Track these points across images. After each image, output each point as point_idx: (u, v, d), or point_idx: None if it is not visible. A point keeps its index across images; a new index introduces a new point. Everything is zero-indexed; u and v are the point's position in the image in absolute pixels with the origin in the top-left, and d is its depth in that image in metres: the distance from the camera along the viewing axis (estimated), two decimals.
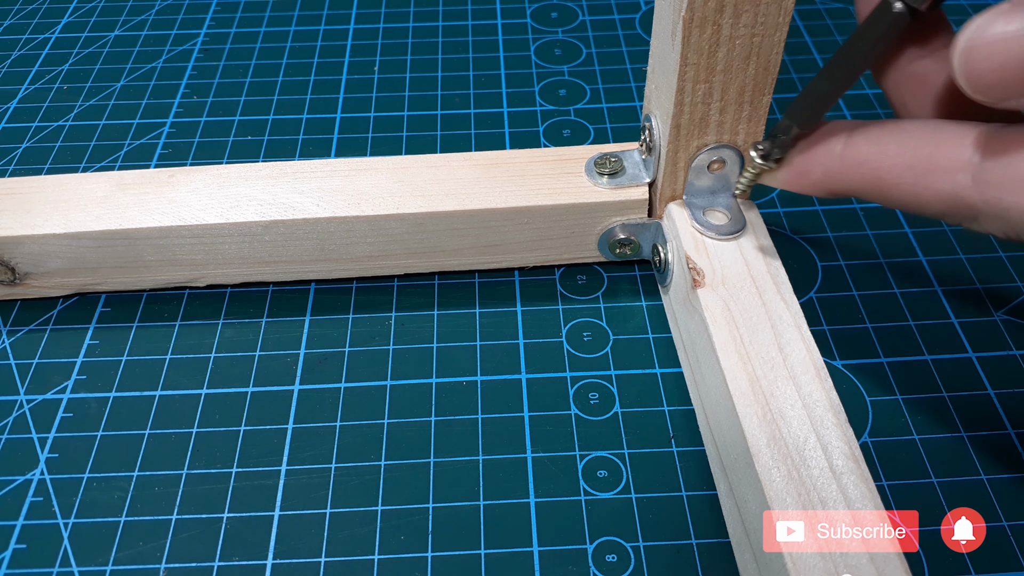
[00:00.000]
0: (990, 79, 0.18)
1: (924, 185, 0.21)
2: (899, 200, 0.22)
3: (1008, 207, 0.19)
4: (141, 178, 0.32)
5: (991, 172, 0.20)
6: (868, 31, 0.23)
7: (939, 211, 0.21)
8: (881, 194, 0.22)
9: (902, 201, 0.22)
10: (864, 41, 0.23)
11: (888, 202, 0.23)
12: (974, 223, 0.21)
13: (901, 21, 0.22)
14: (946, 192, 0.21)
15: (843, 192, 0.24)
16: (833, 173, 0.24)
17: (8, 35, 0.48)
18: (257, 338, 0.32)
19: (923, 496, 0.27)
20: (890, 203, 0.23)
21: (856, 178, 0.23)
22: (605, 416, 0.30)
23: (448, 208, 0.30)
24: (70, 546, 0.27)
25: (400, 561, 0.26)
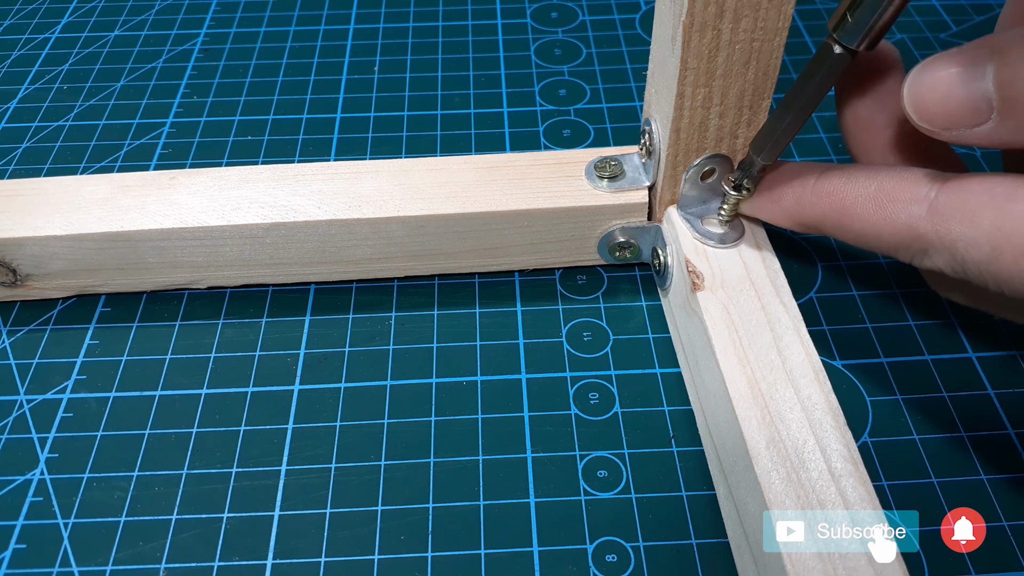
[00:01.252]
0: (933, 110, 0.21)
1: (883, 215, 0.23)
2: (859, 230, 0.24)
3: (956, 239, 0.21)
4: (142, 180, 0.32)
5: (944, 204, 0.21)
6: (813, 72, 0.24)
7: (894, 243, 0.23)
8: (843, 224, 0.24)
9: (861, 231, 0.24)
10: (811, 81, 0.24)
11: (848, 232, 0.24)
12: (925, 257, 0.22)
13: (842, 61, 0.23)
14: (902, 222, 0.22)
15: (809, 220, 0.26)
16: (804, 200, 0.25)
17: (8, 35, 0.48)
18: (257, 338, 0.32)
19: (923, 496, 0.27)
20: (850, 233, 0.24)
21: (823, 206, 0.25)
22: (605, 416, 0.30)
23: (449, 211, 0.31)
24: (70, 546, 0.27)
25: (400, 561, 0.26)
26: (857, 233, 0.24)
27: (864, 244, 0.24)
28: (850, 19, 0.23)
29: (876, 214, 0.23)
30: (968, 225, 0.21)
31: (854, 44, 0.23)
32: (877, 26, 0.22)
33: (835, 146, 0.39)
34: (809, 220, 0.26)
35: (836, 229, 0.25)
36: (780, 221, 0.27)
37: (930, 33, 0.46)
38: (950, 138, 0.21)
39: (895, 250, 0.23)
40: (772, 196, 0.27)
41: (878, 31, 0.22)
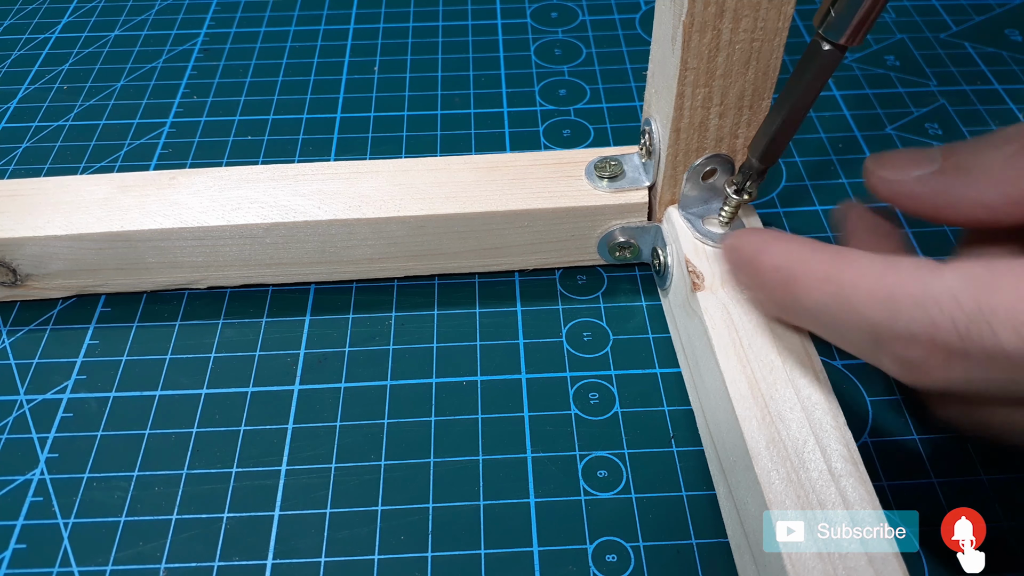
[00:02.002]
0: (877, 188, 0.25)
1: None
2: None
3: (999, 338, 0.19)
4: (142, 180, 0.32)
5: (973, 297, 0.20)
6: (803, 71, 0.24)
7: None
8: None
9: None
10: (801, 80, 0.24)
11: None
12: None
13: (831, 58, 0.23)
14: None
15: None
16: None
17: (8, 35, 0.48)
18: (257, 338, 0.32)
19: (923, 496, 0.27)
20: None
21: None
22: (605, 416, 0.30)
23: (449, 211, 0.31)
24: (70, 546, 0.27)
25: (400, 561, 0.26)
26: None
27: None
28: (834, 14, 0.23)
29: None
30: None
31: (839, 39, 0.23)
32: (861, 20, 0.22)
33: (835, 146, 0.39)
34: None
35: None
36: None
37: (930, 33, 0.46)
38: (902, 206, 0.24)
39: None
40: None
41: (863, 25, 0.22)
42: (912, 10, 0.47)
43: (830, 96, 0.42)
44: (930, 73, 0.43)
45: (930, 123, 0.40)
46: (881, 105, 0.41)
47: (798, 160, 0.39)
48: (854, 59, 0.44)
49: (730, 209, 0.29)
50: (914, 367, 0.20)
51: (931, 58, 0.44)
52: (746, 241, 0.24)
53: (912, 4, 0.48)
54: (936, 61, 0.44)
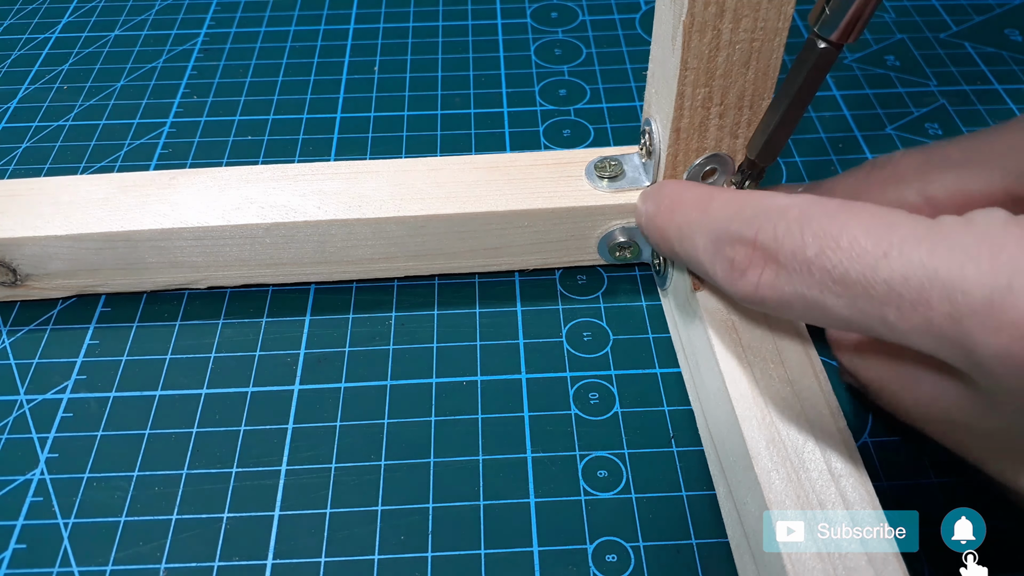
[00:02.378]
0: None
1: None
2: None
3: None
4: (142, 180, 0.32)
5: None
6: (800, 69, 0.24)
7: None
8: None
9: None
10: (798, 78, 0.24)
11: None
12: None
13: (827, 56, 0.23)
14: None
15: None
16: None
17: (8, 35, 0.48)
18: (257, 338, 0.32)
19: (923, 496, 0.27)
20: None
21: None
22: (605, 416, 0.30)
23: (449, 211, 0.31)
24: (70, 546, 0.27)
25: (400, 561, 0.26)
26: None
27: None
28: (828, 11, 0.23)
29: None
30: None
31: (834, 36, 0.23)
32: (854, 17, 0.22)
33: (834, 146, 0.39)
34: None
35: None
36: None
37: (930, 33, 0.46)
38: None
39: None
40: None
41: (856, 22, 0.22)
42: (912, 10, 0.47)
43: (830, 96, 0.42)
44: (930, 73, 0.43)
45: (930, 123, 0.40)
46: (881, 105, 0.41)
47: (798, 160, 0.39)
48: (854, 59, 0.44)
49: None
50: (736, 267, 0.22)
51: (931, 58, 0.44)
52: (661, 182, 0.28)
53: (912, 4, 0.48)
54: (936, 61, 0.44)
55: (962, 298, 0.17)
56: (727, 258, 0.22)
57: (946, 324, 0.17)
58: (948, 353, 0.18)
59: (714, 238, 0.23)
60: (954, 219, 0.19)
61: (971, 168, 0.24)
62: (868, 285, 0.19)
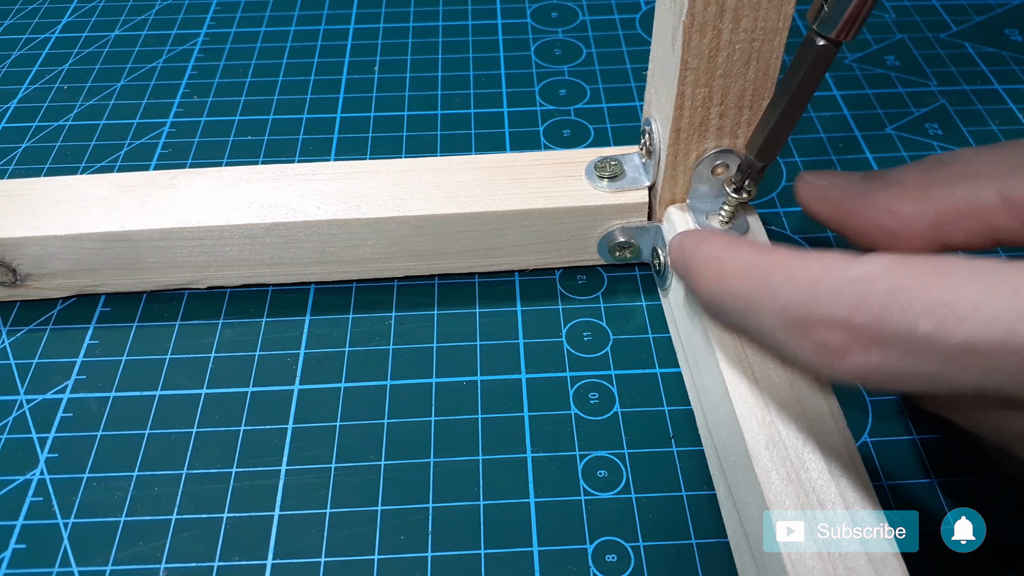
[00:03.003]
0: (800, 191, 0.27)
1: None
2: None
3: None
4: (143, 180, 0.32)
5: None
6: (798, 66, 0.24)
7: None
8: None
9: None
10: (797, 75, 0.24)
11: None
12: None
13: (826, 53, 0.23)
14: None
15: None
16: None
17: (8, 35, 0.48)
18: (257, 338, 0.32)
19: (923, 496, 0.27)
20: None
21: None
22: (605, 416, 0.30)
23: (449, 211, 0.31)
24: (70, 546, 0.27)
25: (400, 561, 0.26)
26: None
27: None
28: (827, 8, 0.23)
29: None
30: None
31: (833, 34, 0.23)
32: (853, 14, 0.22)
33: (834, 146, 0.39)
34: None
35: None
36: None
37: (930, 33, 0.46)
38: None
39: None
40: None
41: (855, 19, 0.22)
42: (912, 10, 0.47)
43: (830, 96, 0.42)
44: (930, 73, 0.43)
45: (930, 123, 0.40)
46: (881, 105, 0.41)
47: (798, 160, 0.39)
48: (854, 59, 0.44)
49: (730, 208, 0.29)
50: (832, 351, 0.20)
51: (931, 58, 0.44)
52: (688, 236, 0.25)
53: (912, 4, 0.48)
54: (936, 61, 0.44)
55: None
56: (818, 343, 0.20)
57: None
58: None
59: (792, 320, 0.20)
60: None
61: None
62: (1008, 350, 0.17)
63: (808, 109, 0.40)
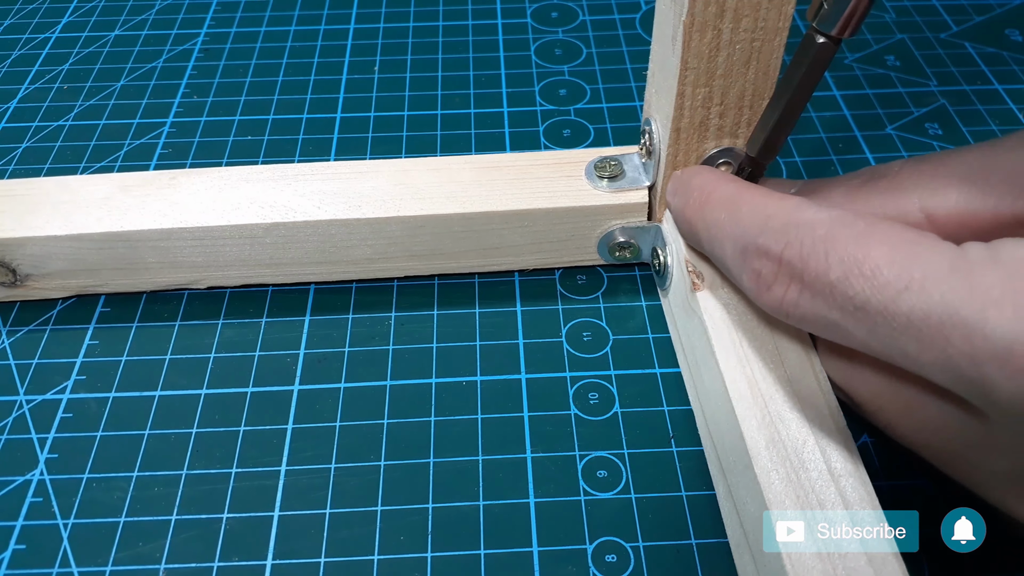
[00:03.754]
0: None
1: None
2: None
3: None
4: (142, 180, 0.32)
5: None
6: (798, 64, 0.24)
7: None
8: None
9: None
10: (797, 73, 0.24)
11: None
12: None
13: (825, 51, 0.23)
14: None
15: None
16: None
17: (8, 35, 0.48)
18: (257, 338, 0.32)
19: (923, 496, 0.27)
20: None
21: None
22: (605, 416, 0.30)
23: (448, 211, 0.31)
24: (70, 546, 0.27)
25: (400, 561, 0.26)
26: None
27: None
28: (826, 6, 0.23)
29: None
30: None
31: (833, 31, 0.23)
32: (852, 11, 0.22)
33: (834, 146, 0.39)
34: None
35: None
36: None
37: (930, 33, 0.46)
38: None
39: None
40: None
41: (855, 16, 0.22)
42: (912, 10, 0.47)
43: (830, 96, 0.42)
44: (930, 73, 0.43)
45: (930, 123, 0.40)
46: (881, 105, 0.41)
47: (798, 160, 0.39)
48: (854, 59, 0.44)
49: None
50: (761, 281, 0.22)
51: (931, 58, 0.44)
52: (686, 169, 0.28)
53: (912, 4, 0.48)
54: (936, 61, 0.44)
55: (982, 342, 0.17)
56: (754, 270, 0.22)
57: (964, 362, 0.17)
58: (964, 389, 0.18)
59: (742, 247, 0.23)
60: (979, 252, 0.18)
61: (976, 185, 0.23)
62: (889, 316, 0.18)
63: (808, 109, 0.40)
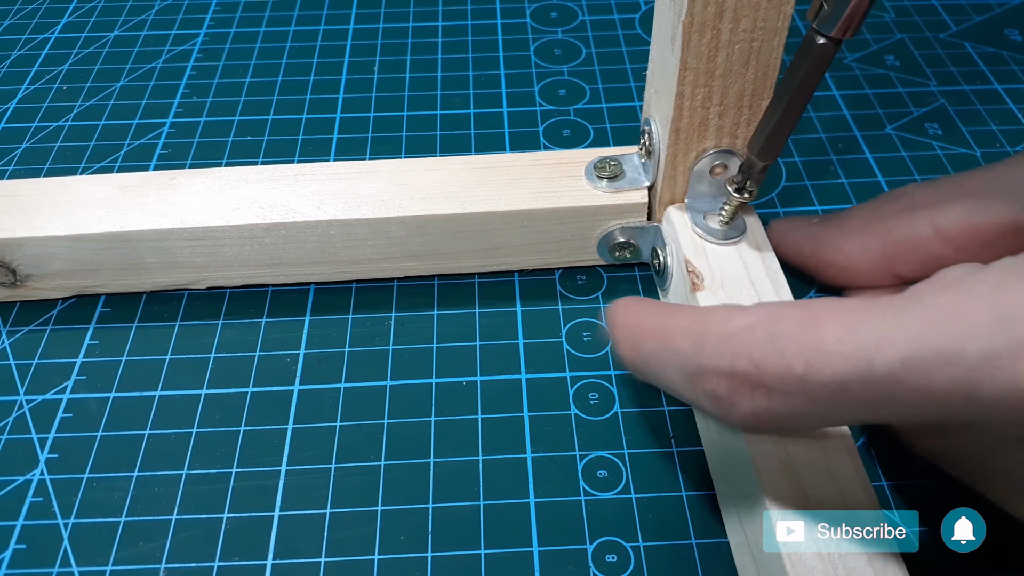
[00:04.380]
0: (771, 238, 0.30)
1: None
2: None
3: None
4: (142, 180, 0.32)
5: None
6: (799, 65, 0.24)
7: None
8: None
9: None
10: (798, 75, 0.24)
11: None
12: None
13: (827, 52, 0.23)
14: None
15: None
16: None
17: (8, 35, 0.48)
18: (257, 338, 0.32)
19: (923, 496, 0.27)
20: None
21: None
22: (605, 416, 0.30)
23: (448, 211, 0.31)
24: (70, 546, 0.27)
25: (400, 561, 0.26)
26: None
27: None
28: (827, 7, 0.23)
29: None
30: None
31: (833, 32, 0.23)
32: (853, 12, 0.22)
33: (834, 146, 0.39)
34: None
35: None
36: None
37: (930, 33, 0.46)
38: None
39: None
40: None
41: (855, 17, 0.22)
42: (912, 10, 0.47)
43: (830, 96, 0.42)
44: (930, 73, 0.43)
45: (930, 123, 0.40)
46: (881, 105, 0.41)
47: (798, 160, 0.39)
48: (854, 59, 0.44)
49: (731, 208, 0.29)
50: (722, 401, 0.21)
51: (931, 58, 0.44)
52: (609, 306, 0.25)
53: (912, 4, 0.48)
54: (936, 61, 0.44)
55: (961, 362, 0.17)
56: (709, 392, 0.21)
57: (952, 387, 0.17)
58: (961, 410, 0.18)
59: (688, 374, 0.21)
60: (921, 287, 0.18)
61: (982, 200, 0.24)
62: (871, 383, 0.18)
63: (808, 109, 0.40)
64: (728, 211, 0.29)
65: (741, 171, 0.28)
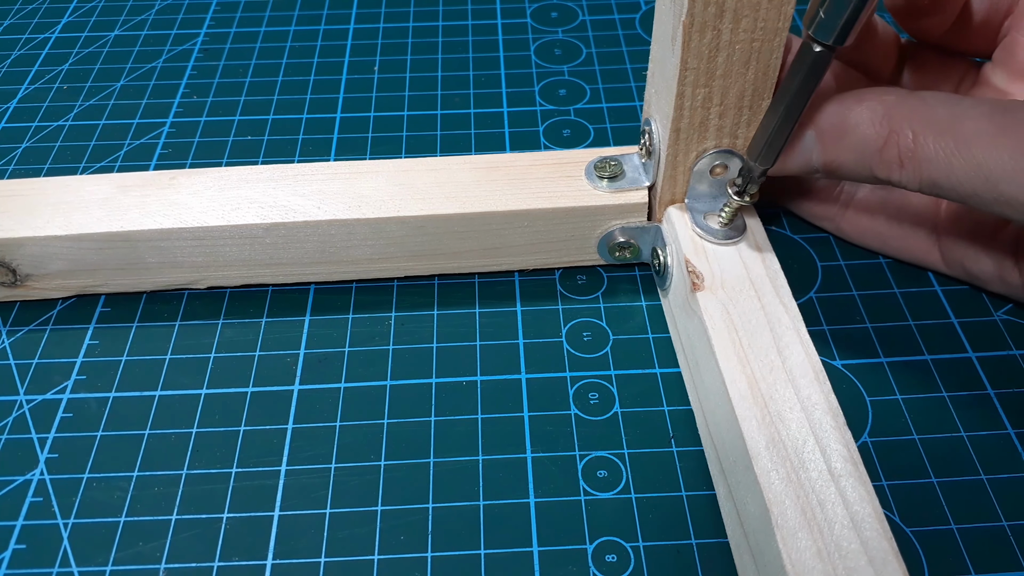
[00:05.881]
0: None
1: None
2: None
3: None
4: (142, 180, 0.32)
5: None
6: (796, 71, 0.24)
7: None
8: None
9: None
10: (794, 80, 0.24)
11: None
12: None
13: (822, 59, 0.24)
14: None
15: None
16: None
17: (8, 35, 0.48)
18: (257, 338, 0.32)
19: (923, 496, 0.27)
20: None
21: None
22: (605, 416, 0.30)
23: (448, 211, 0.31)
24: (70, 546, 0.27)
25: (400, 561, 0.26)
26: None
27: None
28: (822, 15, 0.23)
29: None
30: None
31: (829, 40, 0.23)
32: (848, 20, 0.22)
33: None
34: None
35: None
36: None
37: None
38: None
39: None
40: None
41: (851, 26, 0.22)
42: None
43: None
44: None
45: None
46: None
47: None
48: None
49: (731, 209, 0.29)
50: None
51: None
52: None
53: None
54: None
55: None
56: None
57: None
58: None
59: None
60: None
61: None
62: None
63: None
64: (728, 211, 0.29)
65: (741, 175, 0.28)
